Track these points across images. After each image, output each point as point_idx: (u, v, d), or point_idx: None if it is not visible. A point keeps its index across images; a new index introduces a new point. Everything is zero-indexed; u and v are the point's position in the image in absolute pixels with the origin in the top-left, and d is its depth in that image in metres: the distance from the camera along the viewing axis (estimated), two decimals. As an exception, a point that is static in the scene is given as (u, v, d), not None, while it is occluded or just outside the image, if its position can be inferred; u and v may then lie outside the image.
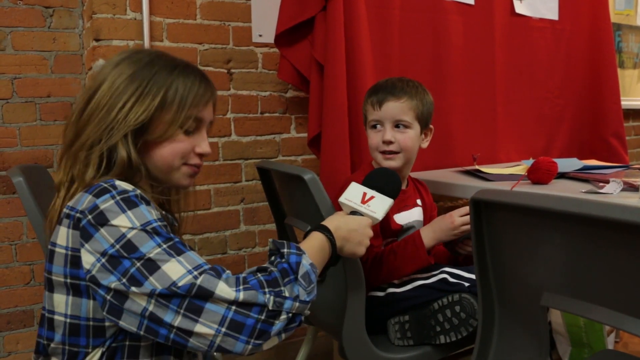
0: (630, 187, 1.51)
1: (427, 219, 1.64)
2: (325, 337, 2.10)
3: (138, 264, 0.86)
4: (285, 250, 0.97)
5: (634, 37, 3.38)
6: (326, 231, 1.09)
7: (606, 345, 2.03)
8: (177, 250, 0.89)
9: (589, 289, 0.85)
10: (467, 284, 1.42)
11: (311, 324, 1.74)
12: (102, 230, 0.88)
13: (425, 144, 1.59)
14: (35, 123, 2.06)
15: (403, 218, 1.56)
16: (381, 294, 1.48)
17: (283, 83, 2.24)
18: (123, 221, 0.89)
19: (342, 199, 1.18)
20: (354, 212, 1.17)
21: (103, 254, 0.87)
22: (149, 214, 0.91)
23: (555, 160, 1.71)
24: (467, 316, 1.36)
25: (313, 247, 1.05)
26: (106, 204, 0.90)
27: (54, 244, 0.94)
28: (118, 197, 0.91)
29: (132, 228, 0.88)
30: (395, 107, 1.50)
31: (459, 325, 1.37)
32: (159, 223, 0.92)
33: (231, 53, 2.16)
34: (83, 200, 0.92)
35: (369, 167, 1.60)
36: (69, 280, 0.92)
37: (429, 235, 1.42)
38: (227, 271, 0.92)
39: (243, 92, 2.18)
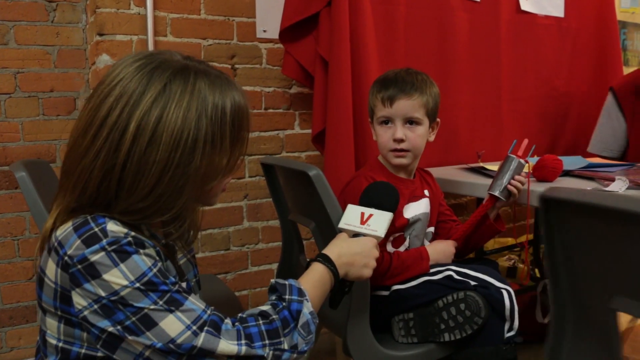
0: (636, 186, 1.50)
1: (435, 207, 1.63)
2: (328, 334, 2.09)
3: (133, 318, 0.83)
4: (287, 296, 0.95)
5: (639, 35, 3.36)
6: (327, 261, 1.07)
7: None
8: (174, 303, 0.85)
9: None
10: (473, 283, 1.41)
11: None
12: (94, 282, 0.83)
13: (432, 137, 1.60)
14: (38, 118, 2.06)
15: (411, 210, 1.56)
16: (386, 292, 1.47)
17: (287, 79, 2.23)
18: (116, 276, 0.82)
19: (341, 225, 1.17)
20: (357, 235, 1.16)
21: (96, 301, 0.83)
22: (143, 263, 0.85)
23: (560, 157, 1.71)
24: (472, 314, 1.35)
25: (313, 281, 1.03)
26: (96, 255, 0.82)
27: (44, 272, 0.88)
28: (109, 249, 0.83)
29: (126, 286, 0.83)
30: (407, 105, 1.50)
31: (463, 323, 1.36)
32: (154, 270, 0.85)
33: (235, 48, 2.15)
34: (71, 243, 0.84)
35: (375, 164, 1.59)
36: (59, 313, 0.88)
37: (433, 256, 1.51)
38: (226, 321, 0.89)
39: (247, 88, 2.17)
